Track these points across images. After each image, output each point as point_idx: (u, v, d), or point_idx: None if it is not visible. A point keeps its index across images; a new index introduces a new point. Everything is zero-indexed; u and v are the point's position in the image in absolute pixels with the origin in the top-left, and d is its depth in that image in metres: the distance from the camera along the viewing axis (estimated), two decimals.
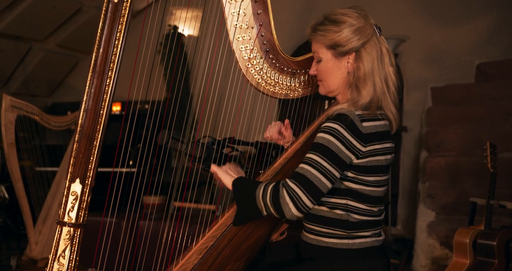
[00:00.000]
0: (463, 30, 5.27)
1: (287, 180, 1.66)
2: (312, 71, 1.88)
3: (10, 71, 6.24)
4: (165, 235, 2.23)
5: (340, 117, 1.69)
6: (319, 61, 1.84)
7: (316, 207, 1.80)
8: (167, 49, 5.91)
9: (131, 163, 5.32)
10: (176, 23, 5.95)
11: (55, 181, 4.70)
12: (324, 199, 1.78)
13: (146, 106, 5.87)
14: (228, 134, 2.18)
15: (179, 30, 6.05)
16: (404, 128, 5.39)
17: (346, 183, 1.73)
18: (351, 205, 1.74)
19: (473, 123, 4.59)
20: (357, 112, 1.71)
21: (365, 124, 1.70)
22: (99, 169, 1.67)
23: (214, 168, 1.87)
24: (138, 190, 2.21)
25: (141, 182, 2.22)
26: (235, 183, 1.80)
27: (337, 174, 1.66)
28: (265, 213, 1.70)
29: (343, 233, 1.75)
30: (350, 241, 1.74)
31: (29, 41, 6.11)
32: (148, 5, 2.13)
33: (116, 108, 6.01)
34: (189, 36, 6.07)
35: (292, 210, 1.62)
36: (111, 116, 1.65)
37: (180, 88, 5.58)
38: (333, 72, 1.82)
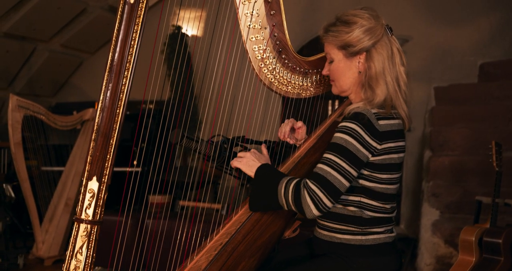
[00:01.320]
0: (466, 30, 5.30)
1: (308, 181, 1.69)
2: (325, 71, 1.92)
3: (15, 71, 6.26)
4: (174, 233, 2.25)
5: (357, 117, 1.72)
6: (331, 61, 1.88)
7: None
8: (170, 49, 5.94)
9: (135, 162, 5.35)
10: (179, 23, 5.97)
11: (61, 180, 4.73)
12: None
13: (151, 106, 5.89)
14: (237, 133, 2.20)
15: (183, 30, 6.08)
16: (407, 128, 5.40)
17: (361, 181, 1.76)
18: (364, 202, 1.77)
19: (477, 123, 4.61)
20: (373, 111, 1.74)
21: (381, 122, 1.73)
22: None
23: (235, 163, 1.89)
24: (143, 189, 2.23)
25: (146, 181, 2.24)
26: (256, 173, 1.84)
27: (355, 174, 1.70)
28: (286, 208, 1.74)
29: (357, 229, 1.78)
30: (364, 237, 1.78)
31: (34, 42, 6.14)
32: (152, 5, 2.16)
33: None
34: (193, 36, 6.10)
35: (313, 211, 1.66)
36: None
37: (184, 89, 5.61)
38: (345, 72, 1.86)
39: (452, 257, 4.11)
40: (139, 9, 1.62)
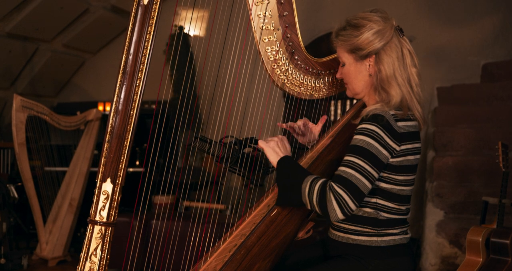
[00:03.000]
0: (469, 30, 5.31)
1: (333, 184, 1.68)
2: (338, 75, 1.94)
3: (17, 71, 6.26)
4: (181, 234, 2.25)
5: (376, 118, 1.72)
6: (343, 65, 1.88)
7: None
8: (173, 49, 5.93)
9: (137, 163, 5.35)
10: (182, 23, 5.97)
11: (64, 180, 4.72)
12: None
13: (154, 106, 5.89)
14: (244, 134, 2.20)
15: (185, 31, 6.08)
16: None
17: (377, 182, 1.76)
18: (380, 204, 1.77)
19: (480, 123, 4.62)
20: (391, 112, 1.74)
21: (399, 124, 1.73)
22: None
23: (261, 144, 1.89)
24: (146, 190, 2.23)
25: (149, 181, 2.24)
26: (280, 163, 1.83)
27: (376, 175, 1.70)
28: (309, 207, 1.74)
29: (372, 231, 1.78)
30: (379, 239, 1.78)
31: (37, 42, 6.13)
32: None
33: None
34: (195, 36, 6.10)
35: (339, 215, 1.66)
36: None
37: (187, 89, 5.60)
38: (356, 75, 1.86)
39: (457, 257, 4.11)
40: (153, 10, 1.63)
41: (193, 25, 5.93)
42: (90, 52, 6.84)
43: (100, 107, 6.18)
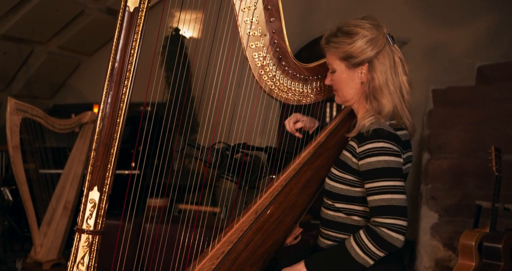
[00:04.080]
0: (464, 32, 5.30)
1: (379, 219, 1.68)
2: (327, 81, 1.92)
3: (12, 73, 6.25)
4: (173, 238, 2.24)
5: (378, 134, 1.71)
6: (333, 71, 1.87)
7: (333, 213, 1.83)
8: (168, 51, 5.92)
9: (132, 164, 5.34)
10: (177, 25, 5.96)
11: (59, 183, 4.71)
12: (341, 206, 1.81)
13: (148, 108, 5.88)
14: (233, 139, 2.20)
15: (181, 32, 6.07)
16: None
17: (364, 190, 1.76)
18: (368, 212, 1.77)
19: (475, 126, 4.61)
20: (388, 123, 1.75)
21: (398, 133, 1.75)
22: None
23: None
24: (140, 192, 2.23)
25: (143, 184, 2.24)
26: (309, 266, 1.78)
27: (399, 184, 1.70)
28: (371, 262, 1.70)
29: None
30: None
31: (32, 43, 6.12)
32: (150, 7, 2.15)
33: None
34: (191, 38, 6.09)
35: (402, 239, 1.66)
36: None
37: (181, 91, 5.59)
38: (347, 83, 1.86)
39: (451, 260, 4.11)
40: (139, 17, 1.62)
41: (188, 27, 5.92)
42: (86, 54, 6.83)
43: (96, 110, 6.16)
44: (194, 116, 6.05)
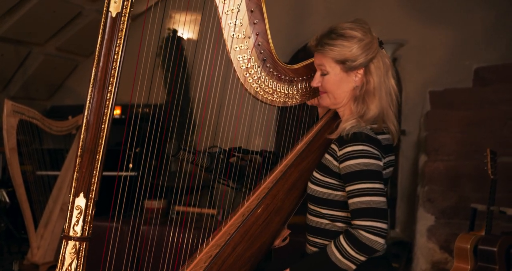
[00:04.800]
0: (461, 34, 5.29)
1: (358, 222, 1.66)
2: (315, 83, 1.89)
3: (10, 75, 6.24)
4: (164, 240, 2.24)
5: (357, 137, 1.71)
6: (324, 74, 1.84)
7: (318, 220, 1.83)
8: (167, 53, 5.92)
9: (130, 165, 5.33)
10: (175, 26, 5.96)
11: (56, 185, 4.71)
12: (325, 212, 1.81)
13: (147, 110, 5.88)
14: (224, 141, 2.20)
15: (179, 34, 6.06)
16: (403, 131, 5.41)
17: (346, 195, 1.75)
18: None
19: (472, 128, 4.61)
20: (368, 127, 1.74)
21: (378, 137, 1.74)
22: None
23: None
24: (138, 194, 2.22)
25: (141, 186, 2.23)
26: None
27: (380, 186, 1.69)
28: (353, 267, 1.68)
29: None
30: None
31: (29, 45, 6.11)
32: (148, 8, 2.15)
33: (116, 111, 6.01)
34: (189, 39, 6.08)
35: (381, 242, 1.64)
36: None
37: (180, 92, 5.59)
38: (341, 86, 1.85)
39: (447, 262, 4.11)
40: (121, 22, 1.61)
41: (186, 28, 5.91)
42: (84, 55, 6.82)
43: None
44: (192, 118, 6.05)
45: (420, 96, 5.23)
